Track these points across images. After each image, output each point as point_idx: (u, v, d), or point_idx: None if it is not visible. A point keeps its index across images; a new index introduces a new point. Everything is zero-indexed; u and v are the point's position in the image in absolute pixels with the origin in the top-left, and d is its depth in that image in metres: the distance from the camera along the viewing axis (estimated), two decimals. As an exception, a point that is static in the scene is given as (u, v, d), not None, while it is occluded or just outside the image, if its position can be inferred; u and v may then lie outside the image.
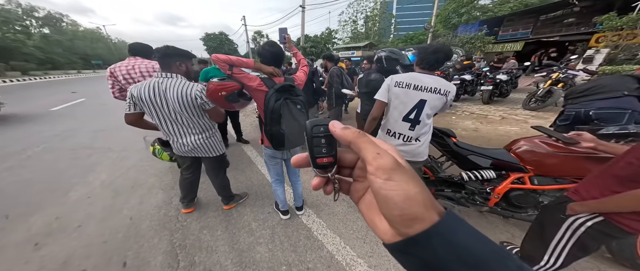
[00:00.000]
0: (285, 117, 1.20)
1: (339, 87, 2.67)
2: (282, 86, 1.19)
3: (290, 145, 1.31)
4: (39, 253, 1.49)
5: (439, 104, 1.22)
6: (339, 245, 1.53)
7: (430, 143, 1.44)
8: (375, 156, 0.18)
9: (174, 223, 1.78)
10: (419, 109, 1.23)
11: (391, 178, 0.17)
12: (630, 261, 1.19)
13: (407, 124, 1.29)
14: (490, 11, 13.00)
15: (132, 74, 1.82)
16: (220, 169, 1.75)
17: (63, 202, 2.06)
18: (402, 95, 1.26)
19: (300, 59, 1.51)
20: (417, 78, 1.23)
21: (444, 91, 1.19)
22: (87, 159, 2.92)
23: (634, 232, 0.81)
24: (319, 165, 0.23)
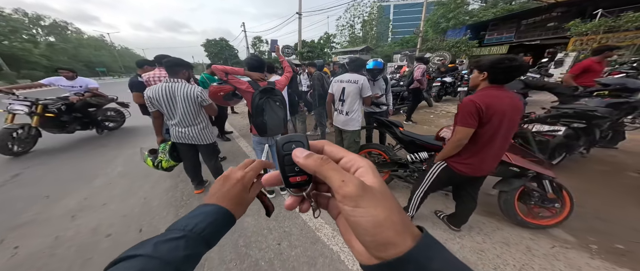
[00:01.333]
0: (267, 112, 1.65)
1: (320, 90, 3.12)
2: (265, 88, 1.64)
3: (272, 132, 1.79)
4: (75, 223, 1.94)
5: (353, 89, 2.03)
6: (311, 215, 1.94)
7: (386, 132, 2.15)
8: (340, 185, 0.18)
9: (179, 202, 2.22)
10: (342, 93, 2.10)
11: (358, 205, 0.17)
12: (513, 218, 1.59)
13: (340, 103, 2.15)
14: (475, 16, 13.60)
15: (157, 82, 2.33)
16: (213, 155, 2.18)
17: (90, 187, 2.53)
18: (335, 87, 2.17)
19: (286, 65, 2.01)
20: (343, 76, 2.11)
21: (354, 80, 2.03)
22: (107, 154, 3.42)
23: (459, 171, 1.31)
24: (292, 184, 0.22)
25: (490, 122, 1.11)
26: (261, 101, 1.61)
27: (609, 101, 2.00)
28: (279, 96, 1.71)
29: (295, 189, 0.23)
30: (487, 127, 1.12)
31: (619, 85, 2.16)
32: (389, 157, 2.15)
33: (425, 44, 12.21)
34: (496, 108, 1.08)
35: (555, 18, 10.87)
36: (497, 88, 1.12)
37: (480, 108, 1.09)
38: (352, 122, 2.14)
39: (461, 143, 1.20)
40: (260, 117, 1.66)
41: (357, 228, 0.18)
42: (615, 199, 1.96)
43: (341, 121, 2.19)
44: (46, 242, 1.70)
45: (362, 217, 0.17)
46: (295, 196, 0.23)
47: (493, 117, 1.09)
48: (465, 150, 1.23)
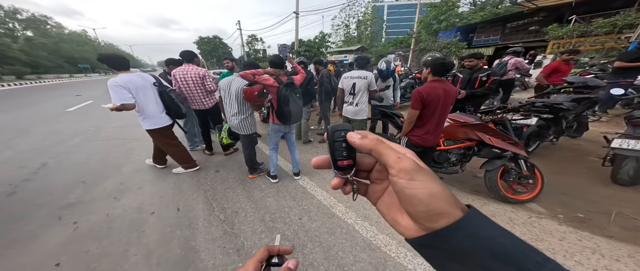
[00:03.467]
0: (291, 102, 1.98)
1: (328, 87, 3.43)
2: (288, 82, 1.97)
3: (294, 119, 2.11)
4: (120, 203, 2.16)
5: (363, 83, 2.40)
6: (326, 196, 2.24)
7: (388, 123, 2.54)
8: (396, 160, 0.20)
9: (205, 186, 2.47)
10: (353, 87, 2.47)
11: (414, 178, 0.19)
12: (497, 194, 1.92)
13: (351, 96, 2.51)
14: (465, 19, 14.32)
15: (187, 77, 2.60)
16: (249, 145, 2.47)
17: (121, 173, 2.73)
18: (346, 82, 2.54)
19: (299, 69, 2.32)
20: (352, 73, 2.50)
21: (363, 76, 2.40)
22: (123, 146, 3.58)
23: (415, 143, 1.77)
24: (340, 167, 0.25)
25: (429, 105, 1.60)
26: (286, 93, 1.93)
27: (573, 97, 2.44)
28: (298, 89, 2.05)
29: (341, 171, 0.25)
30: (428, 109, 1.62)
31: (581, 83, 2.61)
32: None
33: (419, 45, 12.75)
34: (433, 95, 1.57)
35: (536, 22, 11.71)
36: (437, 80, 1.58)
37: (422, 95, 1.57)
38: (361, 113, 2.52)
39: (411, 120, 1.71)
40: (287, 106, 1.97)
41: (412, 199, 0.19)
42: (578, 179, 2.37)
43: (351, 112, 2.56)
44: (100, 218, 1.93)
45: (418, 189, 0.19)
46: (341, 178, 0.26)
47: (431, 102, 1.58)
48: (416, 127, 1.74)
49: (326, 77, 3.39)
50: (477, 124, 1.91)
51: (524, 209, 1.94)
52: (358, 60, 2.53)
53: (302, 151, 3.39)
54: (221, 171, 2.82)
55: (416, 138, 1.77)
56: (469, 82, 2.59)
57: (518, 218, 1.85)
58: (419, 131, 1.74)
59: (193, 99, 2.76)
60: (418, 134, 1.75)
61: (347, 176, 0.26)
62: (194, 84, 2.64)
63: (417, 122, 1.72)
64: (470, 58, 2.58)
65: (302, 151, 3.39)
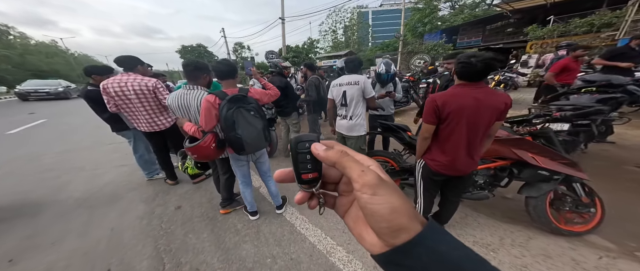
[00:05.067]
0: (239, 124, 1.35)
1: (314, 95, 2.89)
2: (233, 97, 1.35)
3: (252, 148, 1.48)
4: (14, 269, 1.46)
5: (355, 91, 1.86)
6: (320, 236, 1.68)
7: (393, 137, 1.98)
8: (360, 174, 0.19)
9: (157, 231, 1.82)
10: (344, 97, 1.93)
11: (376, 193, 0.18)
12: (547, 226, 1.47)
13: (344, 107, 1.97)
14: (447, 21, 14.68)
15: (125, 90, 1.92)
16: (228, 170, 1.85)
17: (37, 219, 1.99)
18: (335, 91, 1.99)
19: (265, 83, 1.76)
20: (341, 79, 1.95)
21: (354, 82, 1.86)
22: (57, 179, 2.78)
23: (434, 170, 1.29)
24: (304, 181, 0.23)
25: (447, 119, 1.14)
26: (230, 112, 1.32)
27: (598, 97, 2.09)
28: (252, 103, 1.42)
29: (306, 185, 0.24)
30: (447, 124, 1.16)
31: (604, 81, 2.28)
32: (398, 165, 2.00)
33: (406, 48, 12.80)
34: (453, 105, 1.10)
35: (512, 24, 12.13)
36: (463, 85, 1.11)
37: (436, 105, 1.13)
38: (356, 128, 1.95)
39: (423, 137, 1.26)
40: (232, 131, 1.35)
41: (375, 215, 0.18)
42: (628, 196, 1.90)
43: (345, 127, 2.00)
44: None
45: (380, 204, 0.18)
46: (306, 192, 0.25)
47: (450, 115, 1.12)
48: (435, 147, 1.27)
49: (313, 85, 2.86)
50: (513, 139, 1.46)
51: (585, 244, 1.48)
52: (348, 63, 1.97)
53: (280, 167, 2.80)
54: (184, 205, 2.17)
55: (435, 163, 1.27)
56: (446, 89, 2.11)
57: (585, 259, 1.38)
58: (439, 155, 1.25)
59: (138, 118, 2.07)
60: (438, 159, 1.26)
61: (312, 190, 0.24)
62: (139, 99, 1.96)
63: (435, 142, 1.26)
64: (450, 59, 2.00)
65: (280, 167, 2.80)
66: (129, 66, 1.96)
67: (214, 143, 1.38)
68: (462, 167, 1.23)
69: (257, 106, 1.45)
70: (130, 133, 2.33)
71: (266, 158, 1.80)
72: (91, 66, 2.23)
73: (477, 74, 1.06)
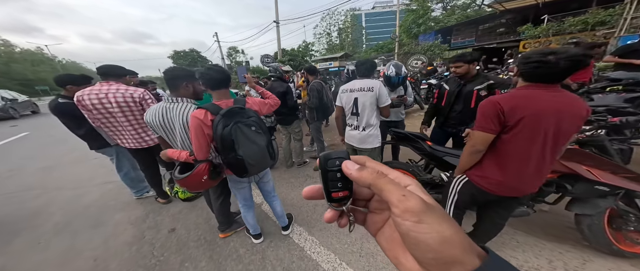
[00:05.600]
0: (240, 142, 1.13)
1: (315, 102, 2.65)
2: (229, 110, 1.11)
3: (256, 169, 1.25)
4: None
5: (369, 97, 1.65)
6: (335, 262, 1.48)
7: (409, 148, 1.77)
8: (401, 199, 0.17)
9: (149, 260, 1.60)
10: (355, 105, 1.72)
11: (422, 221, 0.16)
12: (606, 247, 1.29)
13: (355, 117, 1.75)
14: (441, 22, 14.86)
15: (105, 103, 1.65)
16: (221, 194, 1.64)
17: (5, 252, 1.73)
18: (344, 98, 1.78)
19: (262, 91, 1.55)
20: (352, 84, 1.74)
21: (367, 88, 1.65)
22: (35, 200, 2.51)
23: (483, 188, 1.08)
24: (334, 199, 0.22)
25: (517, 128, 0.91)
26: (228, 130, 1.09)
27: (626, 96, 1.94)
28: (252, 117, 1.20)
29: (336, 203, 0.23)
30: (514, 133, 0.92)
31: (631, 79, 2.14)
32: (416, 177, 1.83)
33: (403, 49, 12.83)
34: (527, 111, 0.88)
35: (504, 24, 12.34)
36: (536, 87, 0.90)
37: (501, 109, 0.91)
38: (370, 139, 1.74)
39: (476, 149, 1.02)
40: (232, 152, 1.13)
41: (420, 244, 0.17)
42: None
43: (357, 139, 1.78)
44: None
45: (426, 233, 0.16)
46: (335, 210, 0.23)
47: (522, 122, 0.89)
48: (489, 162, 1.03)
49: (316, 91, 2.68)
50: (565, 150, 1.28)
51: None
52: (359, 65, 1.75)
53: (295, 185, 2.60)
54: (178, 228, 1.95)
55: (487, 182, 1.05)
56: (459, 97, 1.78)
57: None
58: (494, 172, 1.02)
59: (122, 134, 1.83)
60: (493, 177, 1.03)
61: (342, 208, 0.23)
62: (123, 113, 1.72)
63: (490, 155, 1.02)
64: (458, 62, 1.73)
65: (294, 185, 2.60)
66: (114, 74, 1.74)
67: (207, 174, 1.14)
68: (526, 187, 1.01)
69: (258, 120, 1.23)
70: (112, 150, 2.06)
71: (270, 176, 1.61)
72: (66, 74, 1.93)
73: (558, 74, 0.84)
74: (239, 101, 1.23)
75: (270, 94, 1.53)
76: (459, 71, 1.76)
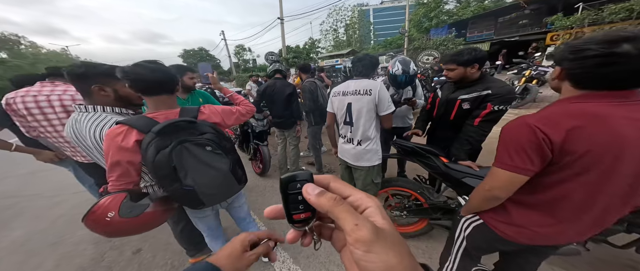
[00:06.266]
0: (188, 168, 0.81)
1: (311, 104, 2.32)
2: (168, 125, 0.77)
3: (215, 200, 0.94)
4: None
5: (365, 103, 1.27)
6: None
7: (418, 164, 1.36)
8: (353, 228, 0.18)
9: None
10: (348, 112, 1.34)
11: (370, 250, 0.17)
12: None
13: (348, 127, 1.38)
14: (455, 15, 13.90)
15: (45, 108, 1.29)
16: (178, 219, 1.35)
17: None
18: (336, 102, 1.42)
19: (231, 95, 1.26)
20: (345, 85, 1.37)
21: (364, 91, 1.27)
22: (5, 212, 2.35)
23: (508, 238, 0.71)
24: (296, 221, 0.22)
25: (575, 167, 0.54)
26: (165, 154, 0.76)
27: None
28: (207, 132, 0.87)
29: (299, 225, 0.23)
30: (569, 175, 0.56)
31: None
32: (426, 200, 1.45)
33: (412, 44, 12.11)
34: (595, 141, 0.51)
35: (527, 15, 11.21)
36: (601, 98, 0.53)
37: (546, 139, 0.54)
38: (368, 156, 1.35)
39: (494, 196, 0.67)
40: (175, 182, 0.80)
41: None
42: None
43: (351, 155, 1.40)
44: None
45: (373, 263, 0.17)
46: (298, 230, 0.23)
47: (587, 159, 0.53)
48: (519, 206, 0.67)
49: (308, 92, 2.32)
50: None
51: None
52: (356, 63, 1.36)
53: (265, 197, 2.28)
54: (144, 249, 1.69)
55: (514, 230, 0.69)
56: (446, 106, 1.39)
57: None
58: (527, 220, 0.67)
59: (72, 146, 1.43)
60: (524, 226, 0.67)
61: (305, 228, 0.23)
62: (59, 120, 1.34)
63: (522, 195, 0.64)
64: (449, 64, 1.28)
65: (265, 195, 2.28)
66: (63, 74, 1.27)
67: (116, 209, 0.75)
68: (578, 237, 0.66)
69: (216, 136, 0.89)
70: (67, 162, 1.74)
71: (243, 200, 1.28)
72: (23, 74, 1.62)
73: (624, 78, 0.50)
74: (188, 111, 0.89)
75: (242, 99, 1.21)
76: (451, 75, 1.29)
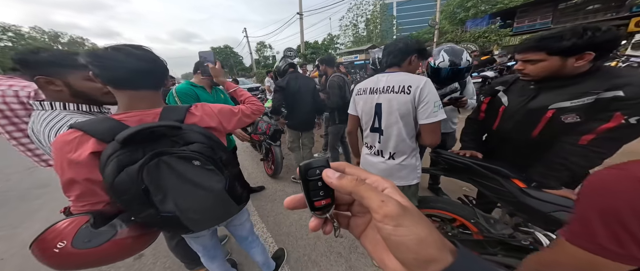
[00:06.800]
0: (168, 189, 0.60)
1: (338, 101, 2.01)
2: (140, 132, 0.55)
3: (206, 224, 0.73)
4: None
5: (401, 105, 0.92)
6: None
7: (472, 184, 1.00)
8: (380, 205, 0.18)
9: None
10: (377, 115, 1.01)
11: (400, 224, 0.17)
12: None
13: (376, 135, 1.04)
14: (500, 3, 12.10)
15: None
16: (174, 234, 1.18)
17: None
18: (361, 102, 1.07)
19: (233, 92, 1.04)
20: (374, 80, 1.02)
21: (400, 88, 0.91)
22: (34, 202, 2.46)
23: None
24: (317, 208, 0.22)
25: None
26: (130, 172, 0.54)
27: None
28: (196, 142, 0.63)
29: (319, 212, 0.23)
30: None
31: None
32: (480, 230, 1.06)
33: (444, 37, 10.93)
34: None
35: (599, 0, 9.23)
36: None
37: None
38: (403, 173, 1.01)
39: None
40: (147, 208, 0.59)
41: (400, 246, 0.18)
42: None
43: (380, 170, 1.05)
44: None
45: (405, 236, 0.17)
46: (319, 218, 0.23)
47: None
48: None
49: (337, 88, 2.00)
50: None
51: None
52: (391, 49, 1.00)
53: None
54: (147, 254, 1.60)
55: None
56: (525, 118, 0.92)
57: None
58: None
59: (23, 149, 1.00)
60: None
61: (326, 215, 0.23)
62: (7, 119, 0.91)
63: None
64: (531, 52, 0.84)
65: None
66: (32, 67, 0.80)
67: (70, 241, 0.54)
68: None
69: (207, 146, 0.65)
70: None
71: (245, 217, 1.05)
72: None
73: None
74: (172, 112, 0.66)
75: (248, 96, 0.99)
76: (532, 71, 0.84)
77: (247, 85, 9.39)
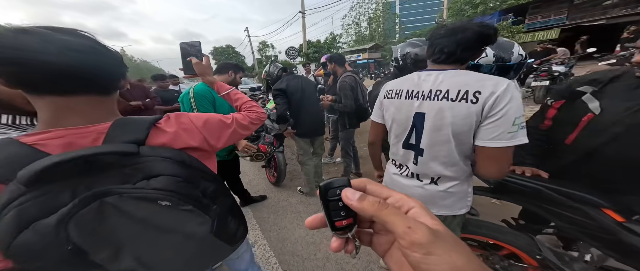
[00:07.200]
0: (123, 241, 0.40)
1: (351, 104, 1.75)
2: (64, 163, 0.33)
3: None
4: None
5: (459, 118, 0.62)
6: None
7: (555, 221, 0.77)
8: (406, 231, 0.16)
9: None
10: (416, 128, 0.72)
11: (431, 252, 0.16)
12: None
13: (411, 153, 0.76)
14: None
15: None
16: None
17: None
18: (393, 109, 0.78)
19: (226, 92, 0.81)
20: (414, 81, 0.72)
21: (461, 94, 0.61)
22: None
23: None
24: (338, 228, 0.21)
25: None
26: (47, 227, 0.32)
27: None
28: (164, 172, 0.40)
29: (341, 232, 0.22)
30: None
31: None
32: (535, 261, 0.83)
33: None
34: None
35: None
36: None
37: None
38: (448, 201, 0.74)
39: None
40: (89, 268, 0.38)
41: None
42: None
43: (417, 195, 0.77)
44: None
45: (437, 265, 0.16)
46: (341, 238, 0.22)
47: None
48: None
49: (348, 88, 1.76)
50: None
51: None
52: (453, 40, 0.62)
53: (304, 217, 1.82)
54: None
55: None
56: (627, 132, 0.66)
57: None
58: None
59: None
60: None
61: (348, 235, 0.22)
62: None
63: None
64: None
65: (302, 217, 1.82)
66: None
67: None
68: None
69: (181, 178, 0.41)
70: None
71: (244, 248, 0.83)
72: None
73: None
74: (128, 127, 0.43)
75: (246, 101, 0.79)
76: None
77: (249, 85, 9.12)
